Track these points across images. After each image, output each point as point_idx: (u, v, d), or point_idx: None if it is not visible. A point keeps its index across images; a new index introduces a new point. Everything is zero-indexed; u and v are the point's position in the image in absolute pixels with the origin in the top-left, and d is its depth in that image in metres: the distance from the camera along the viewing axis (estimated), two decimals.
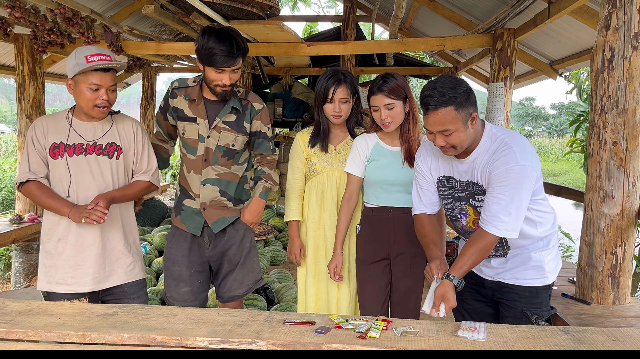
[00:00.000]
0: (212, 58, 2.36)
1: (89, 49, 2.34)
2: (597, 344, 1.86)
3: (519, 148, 2.01)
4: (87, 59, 2.30)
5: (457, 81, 1.99)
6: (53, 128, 2.47)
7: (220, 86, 2.46)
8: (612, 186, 2.79)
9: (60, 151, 2.45)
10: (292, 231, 2.89)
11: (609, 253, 2.83)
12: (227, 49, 2.36)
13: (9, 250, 5.97)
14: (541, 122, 47.48)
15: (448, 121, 1.97)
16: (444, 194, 2.28)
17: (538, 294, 2.24)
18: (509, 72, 4.56)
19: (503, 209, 1.98)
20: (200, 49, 2.39)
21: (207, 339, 1.87)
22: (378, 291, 2.74)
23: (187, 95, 2.57)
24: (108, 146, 2.50)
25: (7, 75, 6.33)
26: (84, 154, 2.46)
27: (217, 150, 2.60)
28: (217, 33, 2.38)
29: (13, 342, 1.89)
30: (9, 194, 8.99)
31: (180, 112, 2.59)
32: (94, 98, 2.38)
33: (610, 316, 2.73)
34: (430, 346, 1.82)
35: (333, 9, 17.79)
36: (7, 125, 45.80)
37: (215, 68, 2.41)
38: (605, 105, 2.78)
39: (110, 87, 2.40)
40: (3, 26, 4.37)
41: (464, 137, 2.01)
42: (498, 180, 2.00)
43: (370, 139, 2.69)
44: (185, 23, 4.74)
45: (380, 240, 2.70)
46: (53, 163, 2.46)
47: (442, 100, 1.94)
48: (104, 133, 2.50)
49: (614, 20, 2.74)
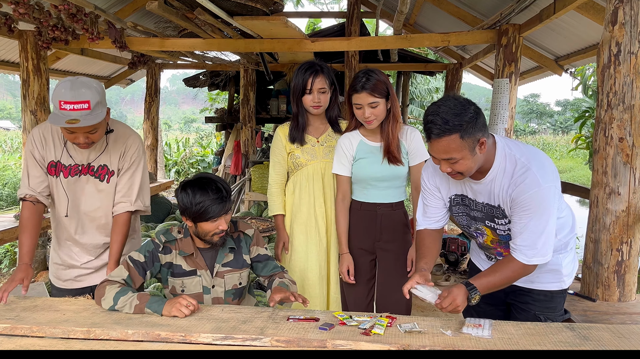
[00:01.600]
0: (206, 212, 2.12)
1: (67, 93, 2.09)
2: (603, 341, 1.85)
3: (538, 168, 1.90)
4: (60, 105, 2.09)
5: (463, 106, 1.82)
6: (50, 144, 2.40)
7: (218, 234, 2.21)
8: (618, 183, 2.77)
9: (56, 170, 2.41)
10: (278, 224, 2.90)
11: (615, 249, 2.81)
12: (217, 196, 2.13)
13: (14, 245, 5.99)
14: (546, 119, 47.26)
15: (453, 149, 1.82)
16: (459, 212, 2.18)
17: (553, 298, 2.18)
18: (514, 68, 4.53)
19: (533, 238, 1.91)
20: (189, 207, 2.13)
21: (211, 336, 1.86)
22: (362, 285, 2.78)
23: (182, 251, 2.27)
24: (100, 168, 2.43)
25: (12, 72, 6.34)
26: (78, 175, 2.42)
27: (227, 296, 2.36)
28: (197, 184, 2.15)
29: (18, 337, 1.90)
30: (13, 190, 9.03)
31: (177, 268, 2.28)
32: (72, 138, 2.24)
33: (616, 313, 2.72)
34: (435, 343, 1.81)
35: (337, 5, 17.75)
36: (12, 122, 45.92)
37: (212, 220, 2.17)
38: (612, 101, 2.76)
39: (88, 132, 2.20)
40: (7, 22, 4.37)
41: (471, 164, 1.88)
42: (523, 207, 1.90)
43: (354, 137, 2.68)
44: (189, 19, 4.73)
45: (367, 234, 2.73)
46: (51, 180, 2.43)
47: (445, 128, 1.79)
48: (97, 155, 2.42)
49: (620, 15, 2.72)
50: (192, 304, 2.04)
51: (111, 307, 2.06)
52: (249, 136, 8.18)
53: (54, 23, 4.59)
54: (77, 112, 2.08)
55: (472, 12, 5.72)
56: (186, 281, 2.28)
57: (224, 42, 5.36)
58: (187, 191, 2.14)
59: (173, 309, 2.01)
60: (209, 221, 2.15)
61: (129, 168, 2.47)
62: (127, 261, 2.19)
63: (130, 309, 2.04)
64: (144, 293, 2.10)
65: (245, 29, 4.79)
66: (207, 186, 2.14)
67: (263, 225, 6.30)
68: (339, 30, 8.34)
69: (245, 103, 8.12)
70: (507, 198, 1.95)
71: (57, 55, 6.46)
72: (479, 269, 2.34)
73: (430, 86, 18.66)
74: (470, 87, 52.82)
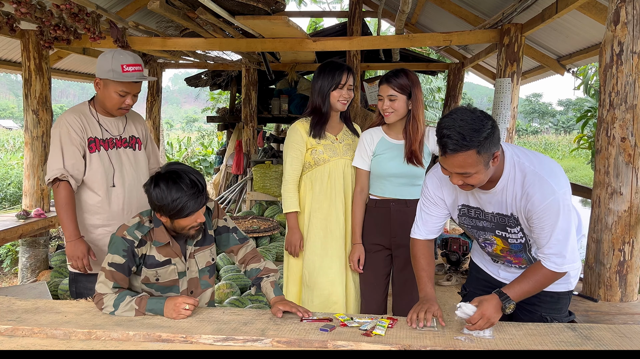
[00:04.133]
0: (184, 209, 2.01)
1: (126, 57, 2.45)
2: (604, 341, 1.85)
3: (549, 175, 1.87)
4: (123, 68, 2.43)
5: (481, 121, 1.74)
6: (86, 123, 2.59)
7: (195, 227, 2.12)
8: (620, 183, 2.77)
9: (96, 145, 2.60)
10: (292, 222, 2.86)
11: (617, 249, 2.81)
12: (193, 191, 2.01)
13: (16, 245, 6.00)
14: (548, 119, 47.19)
15: (468, 165, 1.77)
16: (465, 223, 2.15)
17: (559, 299, 2.16)
18: (516, 67, 4.52)
19: (559, 246, 1.89)
20: (165, 205, 2.00)
21: (212, 337, 1.86)
22: (378, 280, 2.82)
23: (156, 241, 2.16)
24: (130, 139, 2.72)
25: (14, 71, 6.35)
26: (115, 148, 2.66)
27: (202, 274, 2.31)
28: (170, 179, 2.01)
29: (19, 337, 1.90)
30: (16, 190, 9.04)
31: (150, 258, 2.17)
32: (120, 102, 2.54)
33: (618, 313, 2.71)
34: (436, 344, 1.81)
35: (339, 5, 17.74)
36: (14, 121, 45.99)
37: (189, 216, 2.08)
38: (614, 101, 2.75)
39: (135, 94, 2.57)
40: (9, 22, 4.38)
41: (483, 178, 1.84)
42: (543, 217, 1.87)
43: (376, 133, 2.74)
44: (191, 19, 4.73)
45: (382, 230, 2.76)
46: (90, 156, 2.59)
47: (462, 144, 1.72)
48: (123, 127, 2.71)
49: (622, 15, 2.71)
50: (191, 304, 2.05)
51: (112, 313, 2.06)
52: (251, 135, 8.19)
53: (56, 22, 4.59)
54: (137, 73, 2.48)
55: (474, 11, 5.71)
56: (160, 271, 2.19)
57: (226, 41, 5.36)
58: (161, 187, 2.01)
59: (173, 314, 2.03)
60: (187, 217, 2.06)
61: (149, 138, 2.86)
62: (108, 270, 2.09)
63: (131, 314, 2.06)
64: (142, 296, 2.09)
65: (247, 28, 4.79)
66: (181, 181, 2.01)
67: (264, 225, 6.30)
68: (340, 30, 8.34)
69: (247, 103, 8.12)
70: (521, 207, 1.92)
71: (58, 54, 6.47)
72: (481, 269, 2.33)
73: (432, 86, 18.64)
74: (472, 87, 52.75)
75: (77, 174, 2.55)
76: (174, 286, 2.23)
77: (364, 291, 2.85)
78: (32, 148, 5.17)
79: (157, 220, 2.16)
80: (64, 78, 7.74)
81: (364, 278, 2.82)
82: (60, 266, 4.92)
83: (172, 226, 2.11)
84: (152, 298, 2.09)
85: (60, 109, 23.09)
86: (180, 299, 2.05)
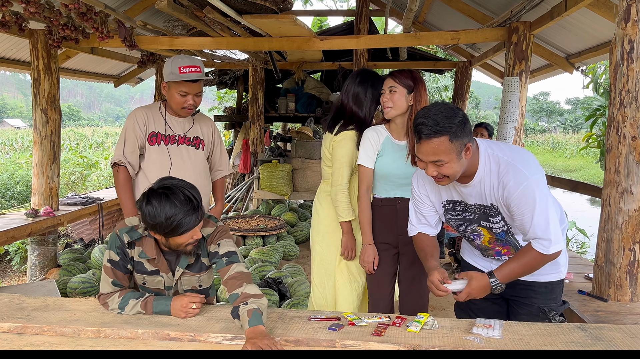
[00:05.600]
0: (179, 226, 1.92)
1: (183, 60, 2.70)
2: (615, 341, 1.83)
3: (521, 162, 1.96)
4: (180, 69, 2.68)
5: (453, 110, 1.90)
6: (152, 119, 2.87)
7: (191, 244, 2.05)
8: (630, 182, 2.74)
9: (157, 139, 2.86)
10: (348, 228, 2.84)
11: (627, 249, 2.79)
12: (189, 208, 1.92)
13: (25, 243, 6.04)
14: (556, 117, 46.94)
15: (441, 151, 1.87)
16: (452, 218, 2.22)
17: (553, 289, 2.21)
18: (524, 66, 4.49)
19: (542, 228, 1.95)
20: (159, 223, 1.90)
21: (220, 336, 1.87)
22: (386, 279, 2.82)
23: (143, 253, 2.11)
24: (194, 139, 2.94)
25: (23, 71, 6.38)
26: (177, 144, 2.89)
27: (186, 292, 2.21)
28: (164, 195, 1.91)
29: (29, 335, 1.91)
30: (24, 188, 9.10)
31: (139, 265, 2.15)
32: (182, 102, 2.78)
33: (628, 314, 2.69)
34: (444, 343, 1.80)
35: (345, 3, 17.72)
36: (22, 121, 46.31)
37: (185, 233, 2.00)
38: (625, 99, 2.73)
39: (196, 94, 2.79)
40: (18, 21, 4.40)
41: (457, 168, 1.93)
42: (519, 203, 1.94)
43: (381, 132, 2.72)
44: (199, 17, 4.73)
45: (389, 229, 2.76)
46: (150, 148, 2.86)
47: (435, 129, 1.85)
48: (189, 128, 2.94)
49: (633, 13, 2.68)
50: (198, 303, 2.07)
51: (120, 313, 2.08)
52: (258, 134, 8.19)
53: (64, 22, 4.61)
54: (194, 74, 2.70)
55: (482, 9, 5.68)
56: (148, 278, 2.16)
57: (233, 40, 5.36)
58: (153, 204, 1.89)
59: (181, 314, 2.04)
60: (182, 234, 1.95)
61: (219, 143, 3.10)
62: (107, 266, 2.09)
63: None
64: (146, 300, 2.07)
65: (254, 27, 4.79)
66: (175, 198, 1.90)
67: (271, 224, 6.30)
68: (347, 29, 8.32)
69: (254, 102, 8.12)
70: (500, 197, 2.00)
71: (67, 54, 6.49)
72: (472, 266, 2.36)
73: (440, 84, 18.59)
74: (479, 86, 52.57)
75: (134, 162, 2.86)
76: (161, 293, 2.21)
77: (371, 291, 2.86)
78: (40, 147, 5.19)
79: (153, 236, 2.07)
80: (72, 78, 7.77)
81: (372, 277, 2.82)
82: (69, 264, 4.95)
83: (168, 243, 2.02)
84: (157, 299, 2.08)
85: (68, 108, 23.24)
86: (186, 299, 2.05)
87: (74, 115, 54.52)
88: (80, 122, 51.21)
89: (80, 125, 43.98)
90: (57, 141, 5.31)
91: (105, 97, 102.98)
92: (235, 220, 6.46)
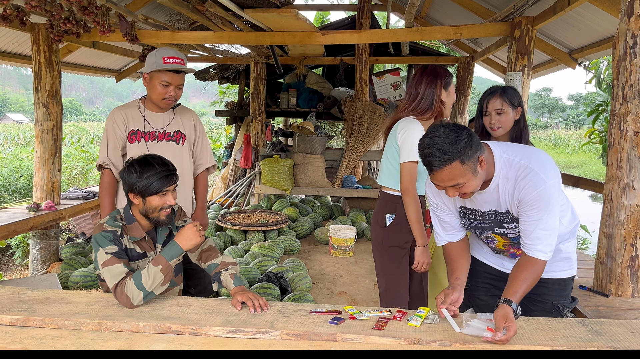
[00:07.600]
0: (154, 184, 2.16)
1: (168, 51, 2.73)
2: (616, 336, 1.83)
3: (540, 167, 1.92)
4: (165, 59, 2.70)
5: (456, 132, 1.82)
6: (130, 117, 2.86)
7: (165, 209, 2.23)
8: (633, 177, 2.73)
9: (137, 136, 2.85)
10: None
11: (629, 244, 2.78)
12: (164, 169, 2.19)
13: (27, 237, 6.05)
14: (558, 113, 46.84)
15: (456, 176, 1.83)
16: (465, 224, 2.20)
17: (566, 286, 2.21)
18: (526, 61, 4.47)
19: (546, 235, 1.93)
20: (137, 182, 2.16)
21: (221, 329, 1.87)
22: (400, 277, 2.78)
23: (132, 237, 2.27)
24: (174, 133, 2.91)
25: (24, 65, 6.38)
26: (156, 140, 2.87)
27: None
28: (143, 161, 2.21)
29: (30, 328, 1.91)
30: (26, 182, 9.11)
31: (132, 251, 2.28)
32: (164, 93, 2.77)
33: (629, 309, 2.69)
34: (445, 338, 1.80)
35: None
36: (24, 115, 46.35)
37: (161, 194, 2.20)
38: (627, 94, 2.72)
39: (178, 85, 2.79)
40: (19, 15, 4.39)
41: (476, 183, 1.89)
42: (531, 206, 1.92)
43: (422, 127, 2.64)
44: (200, 12, 4.72)
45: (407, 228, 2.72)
46: (130, 147, 2.84)
47: (445, 159, 1.80)
48: (169, 122, 2.91)
49: (636, 7, 2.67)
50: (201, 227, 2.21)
51: (146, 296, 2.08)
52: (259, 129, 8.18)
53: (66, 16, 4.60)
54: (177, 65, 2.72)
55: (485, 4, 5.66)
56: (140, 263, 2.29)
57: (235, 34, 5.35)
58: (135, 168, 2.18)
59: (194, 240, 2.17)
60: (158, 194, 2.18)
61: (201, 136, 3.05)
62: (111, 257, 2.14)
63: (161, 278, 2.10)
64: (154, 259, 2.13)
65: (255, 21, 4.78)
66: (153, 161, 2.19)
67: (273, 219, 6.31)
68: (349, 23, 8.30)
69: (256, 97, 8.11)
70: (514, 201, 1.97)
71: (68, 48, 6.48)
72: (481, 262, 2.35)
73: None
74: (481, 81, 52.42)
75: (118, 162, 2.85)
76: None
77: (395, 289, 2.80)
78: (42, 141, 5.20)
79: (130, 217, 2.27)
80: (73, 72, 7.76)
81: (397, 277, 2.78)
82: (71, 258, 4.96)
83: (144, 208, 2.21)
84: (163, 250, 2.17)
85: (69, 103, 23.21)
86: (189, 226, 2.18)
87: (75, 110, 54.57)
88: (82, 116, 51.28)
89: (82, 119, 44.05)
90: (59, 135, 5.32)
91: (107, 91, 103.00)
92: (237, 215, 6.47)
